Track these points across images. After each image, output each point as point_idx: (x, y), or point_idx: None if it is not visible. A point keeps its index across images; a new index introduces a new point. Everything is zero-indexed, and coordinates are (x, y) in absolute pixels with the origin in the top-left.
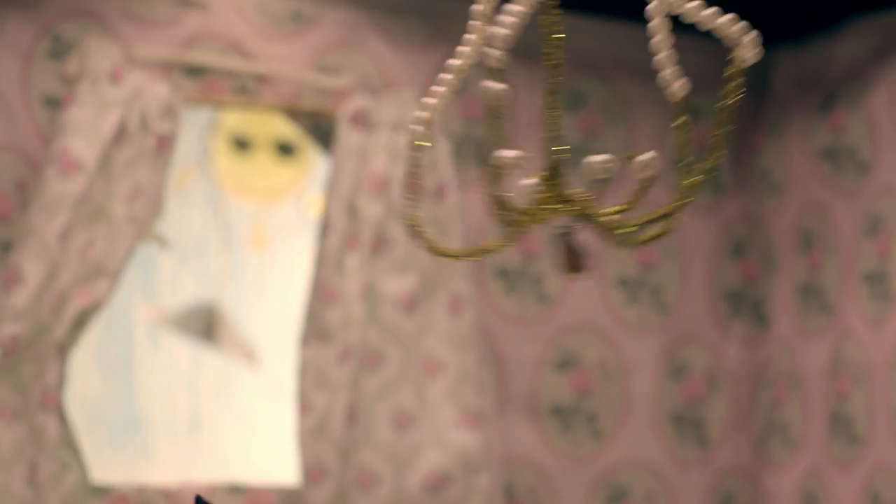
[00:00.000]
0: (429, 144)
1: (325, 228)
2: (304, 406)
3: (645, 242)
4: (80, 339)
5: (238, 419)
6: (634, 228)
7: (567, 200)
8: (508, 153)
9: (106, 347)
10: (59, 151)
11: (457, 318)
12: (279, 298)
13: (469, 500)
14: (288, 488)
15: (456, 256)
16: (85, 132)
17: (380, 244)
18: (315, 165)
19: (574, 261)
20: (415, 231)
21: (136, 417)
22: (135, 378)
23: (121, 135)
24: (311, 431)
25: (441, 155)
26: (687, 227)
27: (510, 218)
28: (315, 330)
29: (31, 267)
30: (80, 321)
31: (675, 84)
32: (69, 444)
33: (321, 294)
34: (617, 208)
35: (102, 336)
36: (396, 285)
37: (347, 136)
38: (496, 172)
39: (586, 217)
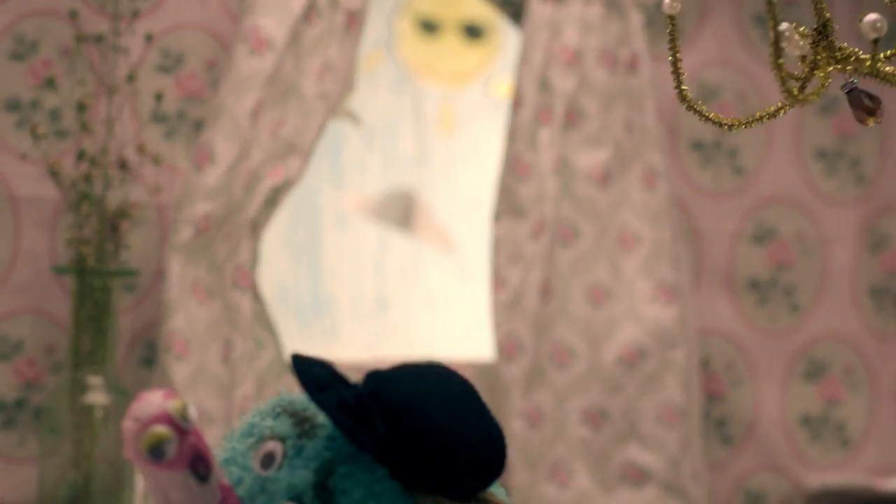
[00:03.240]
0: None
1: (516, 103)
2: (499, 282)
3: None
4: (271, 217)
5: (425, 299)
6: None
7: (844, 58)
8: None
9: (294, 230)
10: (248, 29)
11: (651, 191)
12: (468, 181)
13: (665, 375)
14: (483, 363)
15: (730, 125)
16: (274, 10)
17: (572, 118)
18: (503, 46)
19: (867, 108)
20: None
21: (324, 298)
22: (322, 260)
23: (310, 12)
24: (506, 307)
25: (634, 27)
26: (885, 99)
27: (790, 83)
28: (508, 205)
29: (223, 145)
30: (272, 199)
31: None
32: (263, 321)
33: (514, 169)
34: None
35: (291, 218)
36: (589, 159)
37: (538, 9)
38: (776, 41)
39: (865, 71)
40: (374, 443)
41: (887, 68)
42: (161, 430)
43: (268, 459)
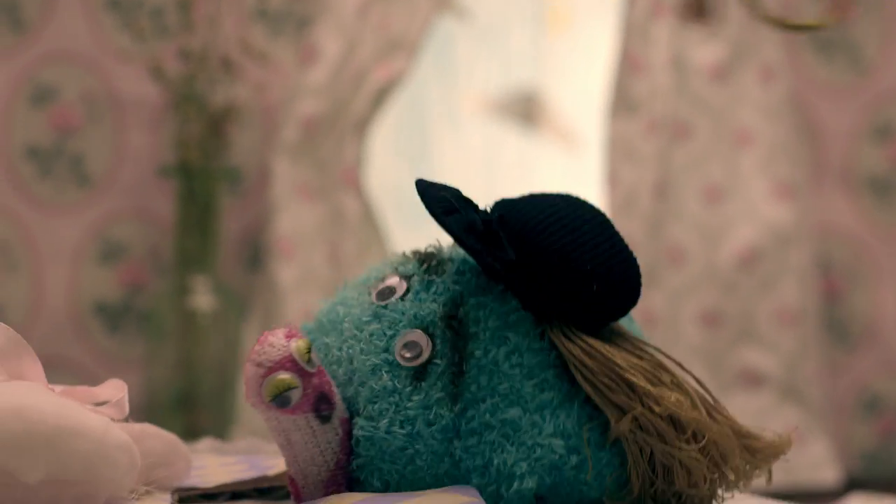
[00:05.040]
0: None
1: None
2: (612, 181)
3: (793, 28)
4: (378, 116)
5: None
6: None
7: None
8: None
9: (404, 130)
10: None
11: (768, 87)
12: (584, 80)
13: (782, 276)
14: None
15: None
16: None
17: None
18: None
19: (696, 7)
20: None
21: None
22: (433, 160)
23: None
24: (620, 206)
25: None
26: None
27: None
28: (621, 102)
29: (329, 43)
30: (379, 97)
31: None
32: (370, 222)
33: (627, 65)
34: None
35: (401, 118)
36: (705, 54)
37: None
38: None
39: None
40: (504, 268)
41: None
42: (286, 377)
43: (386, 292)
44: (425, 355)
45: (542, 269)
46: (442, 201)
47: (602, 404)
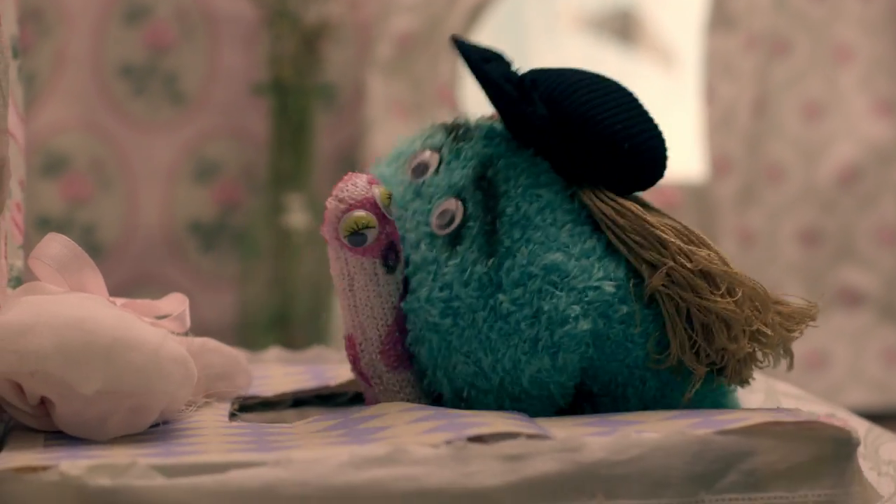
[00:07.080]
0: None
1: None
2: (710, 97)
3: None
4: (474, 32)
5: None
6: None
7: None
8: None
9: (500, 45)
10: None
11: (869, 1)
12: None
13: (882, 194)
14: (692, 184)
15: None
16: None
17: None
18: None
19: None
20: None
21: None
22: None
23: None
24: (717, 124)
25: None
26: None
27: None
28: (720, 17)
29: None
30: (475, 13)
31: None
32: None
33: None
34: None
35: (497, 33)
36: None
37: None
38: None
39: None
40: (537, 123)
41: None
42: (367, 215)
43: (421, 168)
44: (458, 220)
45: (572, 129)
46: (480, 52)
47: (635, 262)
